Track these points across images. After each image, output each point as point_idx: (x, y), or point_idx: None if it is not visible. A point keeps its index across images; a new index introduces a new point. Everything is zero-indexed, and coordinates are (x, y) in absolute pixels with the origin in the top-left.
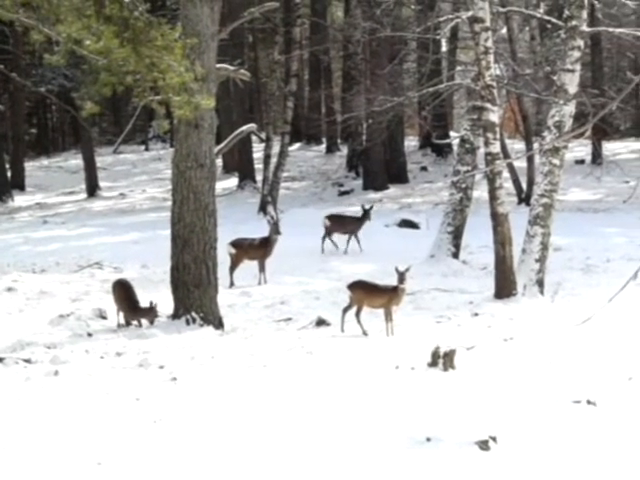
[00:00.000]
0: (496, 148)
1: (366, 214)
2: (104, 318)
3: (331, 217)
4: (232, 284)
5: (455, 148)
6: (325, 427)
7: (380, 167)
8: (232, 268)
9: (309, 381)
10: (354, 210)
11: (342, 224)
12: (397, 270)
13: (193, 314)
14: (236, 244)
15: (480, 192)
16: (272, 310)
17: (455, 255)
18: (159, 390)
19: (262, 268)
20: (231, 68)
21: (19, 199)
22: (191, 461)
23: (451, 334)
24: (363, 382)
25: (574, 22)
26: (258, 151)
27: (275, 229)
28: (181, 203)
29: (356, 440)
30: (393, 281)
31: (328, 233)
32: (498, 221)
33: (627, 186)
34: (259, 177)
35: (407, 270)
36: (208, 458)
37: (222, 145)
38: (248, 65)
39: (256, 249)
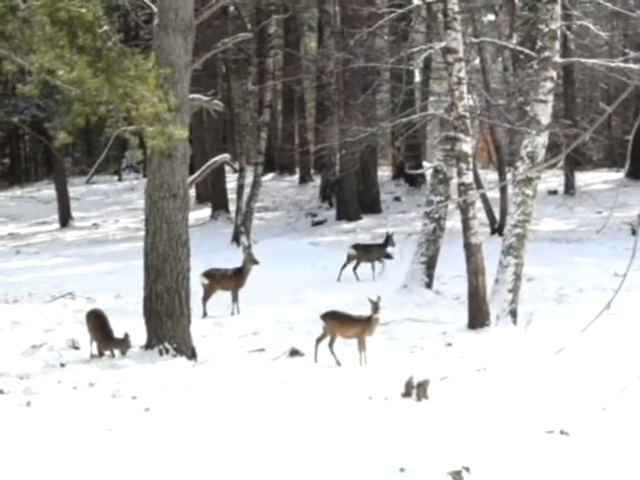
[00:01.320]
0: (469, 178)
1: (389, 240)
2: (77, 348)
3: (357, 246)
4: (205, 314)
5: (428, 178)
6: (299, 457)
7: (353, 197)
8: (205, 298)
9: (282, 411)
10: (329, 240)
11: (367, 252)
12: (370, 300)
13: (166, 344)
14: (209, 274)
15: (453, 222)
16: (245, 340)
17: (428, 285)
18: (132, 421)
19: (235, 298)
20: (204, 98)
21: None
22: None
23: (424, 364)
24: (337, 412)
25: (547, 53)
26: (231, 181)
27: (250, 259)
28: (154, 233)
29: (330, 471)
30: (366, 311)
31: (354, 262)
32: (471, 251)
33: (600, 216)
34: (232, 207)
35: (379, 300)
36: None
37: (195, 175)
38: (221, 95)
39: (229, 279)
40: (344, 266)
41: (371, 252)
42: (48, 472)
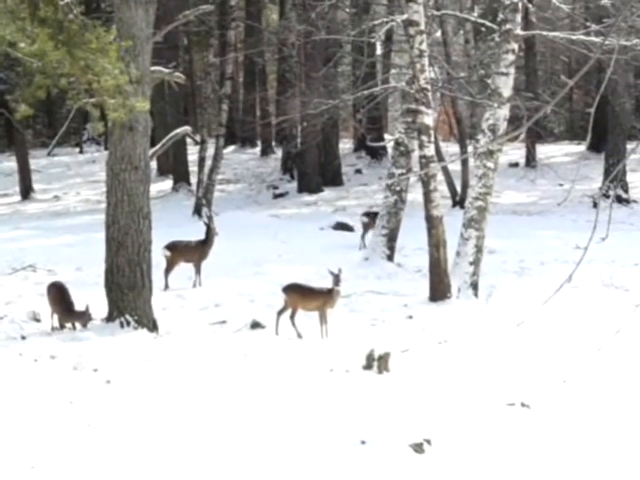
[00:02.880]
0: (430, 151)
1: (376, 214)
2: (38, 321)
3: (368, 214)
4: (167, 287)
5: (390, 151)
6: (259, 429)
7: (315, 170)
8: (167, 271)
9: (244, 384)
10: (290, 213)
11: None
12: (331, 273)
13: (127, 317)
14: (171, 247)
15: (414, 195)
16: (207, 313)
17: (390, 258)
18: (93, 393)
19: (198, 270)
20: (166, 71)
21: None
22: (125, 464)
23: (386, 337)
24: (298, 385)
25: (508, 25)
26: (193, 154)
27: (212, 230)
28: (115, 206)
29: (291, 443)
30: (327, 284)
31: (365, 231)
32: (432, 224)
33: (561, 189)
34: (194, 180)
35: (340, 272)
36: (141, 461)
37: (157, 147)
38: (183, 68)
39: (192, 251)
40: (363, 235)
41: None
42: (9, 444)
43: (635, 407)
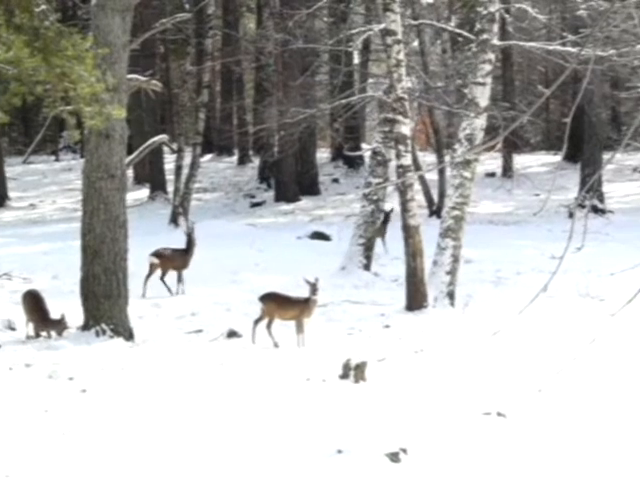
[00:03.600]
0: (407, 160)
1: (387, 217)
2: (13, 329)
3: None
4: (144, 295)
5: (367, 160)
6: (236, 439)
7: (292, 179)
8: (148, 277)
9: (220, 393)
10: (267, 222)
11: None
12: (308, 282)
13: (103, 325)
14: (158, 254)
15: (392, 204)
16: (183, 321)
17: (366, 267)
18: (68, 402)
19: (180, 279)
20: (143, 79)
21: None
22: (100, 473)
23: (362, 346)
24: (274, 394)
25: (485, 35)
26: (169, 162)
27: (193, 239)
28: (91, 214)
29: (267, 452)
30: (304, 293)
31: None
32: (409, 233)
33: (537, 199)
34: (170, 188)
35: (317, 282)
36: (116, 470)
37: (133, 156)
38: (160, 76)
39: (177, 259)
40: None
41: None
42: None
43: (610, 416)
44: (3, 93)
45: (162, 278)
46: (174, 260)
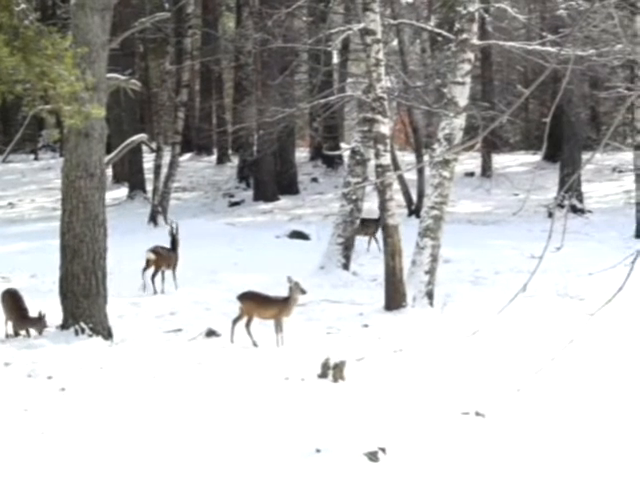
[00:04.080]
0: (387, 160)
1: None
2: None
3: (363, 221)
4: (149, 289)
5: (346, 160)
6: (214, 438)
7: (271, 178)
8: (145, 271)
9: (199, 392)
10: (246, 221)
11: (365, 226)
12: (290, 280)
13: (82, 324)
14: (156, 251)
15: (371, 204)
16: (162, 321)
17: (345, 266)
18: (47, 401)
19: (175, 276)
20: (122, 78)
21: None
22: (78, 472)
23: (341, 345)
24: (253, 393)
25: (464, 35)
26: (148, 161)
27: (177, 239)
28: (70, 213)
29: (245, 451)
30: (284, 292)
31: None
32: (388, 233)
33: (516, 198)
34: (149, 187)
35: (297, 283)
36: (95, 469)
37: (112, 155)
38: (139, 75)
39: (171, 257)
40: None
41: (368, 226)
42: None
43: (589, 415)
44: None
45: (154, 276)
46: (168, 258)
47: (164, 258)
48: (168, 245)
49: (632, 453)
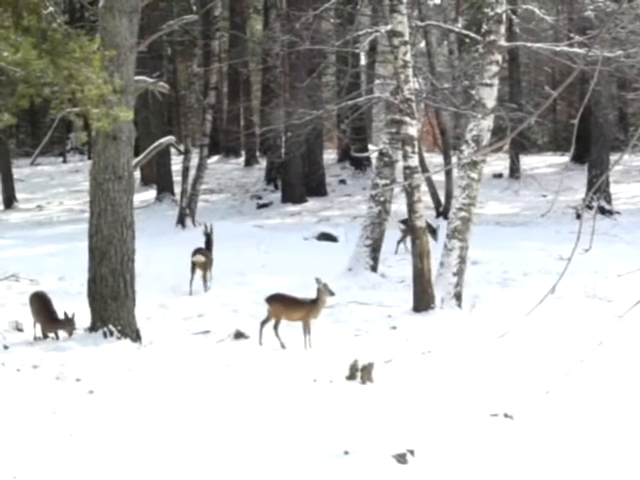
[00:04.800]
0: (414, 162)
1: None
2: (20, 331)
3: (405, 221)
4: (207, 289)
5: (374, 161)
6: (243, 440)
7: (299, 180)
8: (193, 277)
9: (227, 394)
10: (274, 223)
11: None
12: (318, 281)
13: (110, 327)
14: (203, 253)
15: (398, 205)
16: (190, 323)
17: (373, 268)
18: (76, 403)
19: (210, 277)
20: (150, 80)
21: None
22: (108, 474)
23: (369, 347)
24: (281, 395)
25: (492, 37)
26: (176, 163)
27: (211, 239)
28: (99, 215)
29: (274, 453)
30: (312, 294)
31: (403, 237)
32: (416, 234)
33: (544, 200)
34: (177, 189)
35: (325, 284)
36: (124, 471)
37: (140, 157)
38: (167, 77)
39: (211, 259)
40: (400, 241)
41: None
42: None
43: (618, 418)
44: (11, 95)
45: (204, 277)
46: (211, 260)
47: (209, 260)
48: (203, 246)
49: None
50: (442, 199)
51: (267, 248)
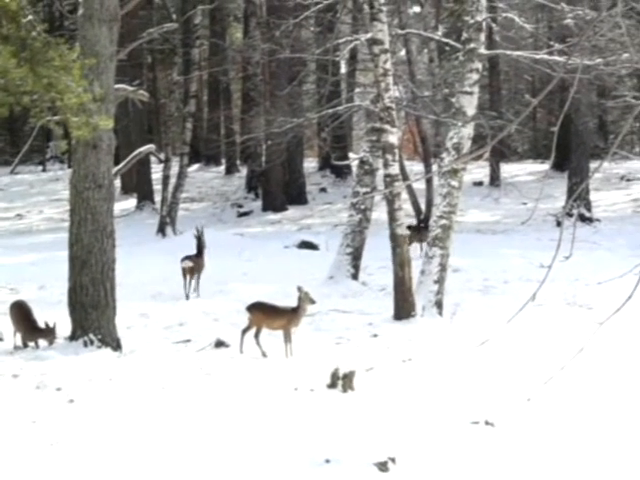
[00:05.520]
0: (395, 170)
1: None
2: (0, 340)
3: (410, 227)
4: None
5: (354, 169)
6: (224, 449)
7: (279, 188)
8: (185, 282)
9: (208, 403)
10: (255, 231)
11: (419, 233)
12: (300, 289)
13: (91, 336)
14: (191, 259)
15: (379, 213)
16: (171, 331)
17: (354, 276)
18: (56, 412)
19: (198, 282)
20: (130, 89)
21: None
22: None
23: (350, 355)
24: (262, 404)
25: (472, 45)
26: (157, 172)
27: (203, 243)
28: (79, 224)
29: (256, 462)
30: (292, 302)
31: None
32: (397, 242)
33: (525, 208)
34: (158, 198)
35: (306, 292)
36: None
37: (121, 166)
38: (147, 86)
39: (200, 263)
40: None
41: (423, 233)
42: None
43: (599, 425)
44: None
45: (190, 282)
46: (199, 264)
47: (197, 265)
48: (194, 251)
49: None
50: (423, 207)
51: (248, 256)
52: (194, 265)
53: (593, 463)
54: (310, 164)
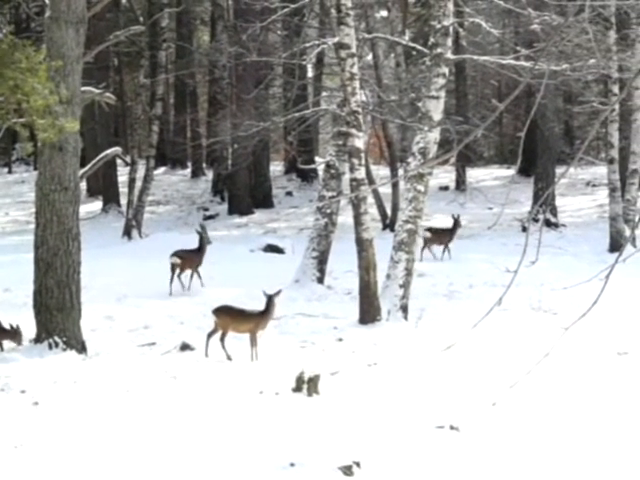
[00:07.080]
0: (361, 174)
1: (457, 223)
2: None
3: (431, 229)
4: (171, 293)
5: (320, 173)
6: (189, 452)
7: (245, 192)
8: (172, 278)
9: (173, 406)
10: (221, 235)
11: (439, 236)
12: (265, 294)
13: (56, 338)
14: (180, 255)
15: (345, 217)
16: (136, 334)
17: (320, 280)
18: (20, 415)
19: (199, 275)
20: (96, 91)
21: None
22: None
23: (315, 359)
24: (227, 407)
25: (439, 49)
26: (123, 175)
27: (206, 238)
28: (44, 226)
29: (220, 465)
30: (259, 306)
31: (427, 245)
32: (363, 247)
33: (490, 212)
34: (123, 201)
35: (278, 294)
36: None
37: (87, 168)
38: (113, 88)
39: (194, 259)
40: (423, 248)
41: (442, 236)
42: None
43: (563, 429)
44: None
45: (179, 276)
46: (192, 260)
47: (187, 260)
48: (194, 247)
49: (606, 466)
50: (389, 211)
51: (214, 260)
52: (185, 261)
53: (557, 467)
54: (276, 168)
